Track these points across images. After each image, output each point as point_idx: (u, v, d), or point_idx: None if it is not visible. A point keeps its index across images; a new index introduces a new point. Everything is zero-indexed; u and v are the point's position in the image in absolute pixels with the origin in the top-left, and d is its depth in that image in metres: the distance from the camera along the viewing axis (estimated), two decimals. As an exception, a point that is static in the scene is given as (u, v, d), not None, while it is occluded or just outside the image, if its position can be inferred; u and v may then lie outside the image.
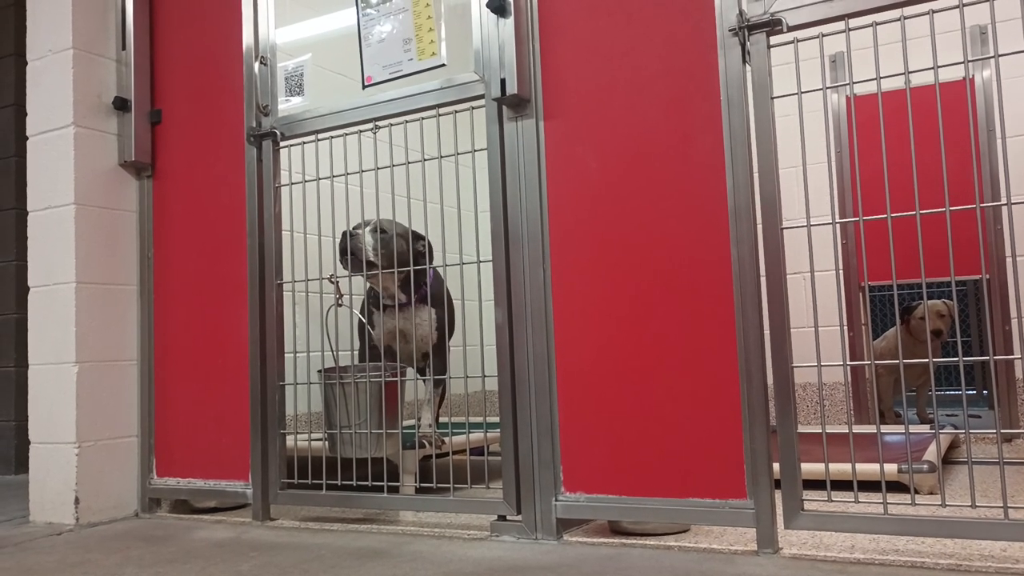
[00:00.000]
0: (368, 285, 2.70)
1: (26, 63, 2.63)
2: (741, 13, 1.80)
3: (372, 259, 2.48)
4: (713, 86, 1.85)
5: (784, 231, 1.77)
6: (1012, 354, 3.53)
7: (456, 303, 2.98)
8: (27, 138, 2.60)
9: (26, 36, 2.63)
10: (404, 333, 2.61)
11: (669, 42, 1.91)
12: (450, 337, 2.81)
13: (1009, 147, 3.55)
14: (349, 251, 2.48)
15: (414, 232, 2.57)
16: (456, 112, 2.18)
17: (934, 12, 1.69)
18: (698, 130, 1.86)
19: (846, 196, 3.82)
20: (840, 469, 2.09)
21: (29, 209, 2.59)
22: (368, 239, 2.49)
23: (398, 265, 2.50)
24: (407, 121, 2.25)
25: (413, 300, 2.60)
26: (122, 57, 2.65)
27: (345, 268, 2.52)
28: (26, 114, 2.61)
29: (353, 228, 2.50)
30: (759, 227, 1.79)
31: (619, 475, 1.91)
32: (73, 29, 2.54)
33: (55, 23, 2.57)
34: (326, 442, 2.39)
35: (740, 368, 1.79)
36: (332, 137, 2.38)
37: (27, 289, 2.58)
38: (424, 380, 2.72)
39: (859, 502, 1.70)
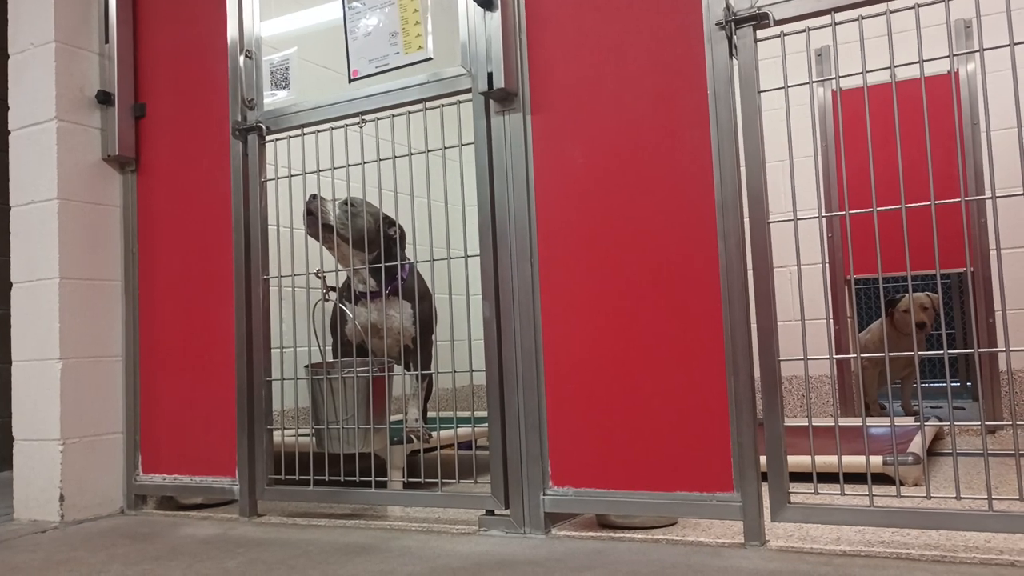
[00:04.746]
0: (345, 278, 2.66)
1: (7, 57, 2.60)
2: (728, 7, 1.80)
3: (334, 224, 2.46)
4: (700, 80, 1.85)
5: (770, 225, 1.78)
6: (996, 346, 3.56)
7: (444, 297, 2.97)
8: (9, 132, 2.58)
9: (7, 30, 2.60)
10: (376, 326, 2.58)
11: (656, 36, 1.91)
12: (430, 332, 2.78)
13: (993, 141, 3.57)
14: (317, 212, 2.44)
15: (387, 216, 2.55)
16: (443, 106, 2.17)
17: (919, 6, 1.70)
18: (685, 124, 1.87)
19: (832, 190, 3.83)
20: (826, 461, 2.11)
21: (11, 204, 2.56)
22: (334, 207, 2.48)
23: (368, 247, 2.48)
24: (393, 115, 2.24)
25: (386, 291, 2.56)
26: (105, 50, 2.63)
27: (309, 233, 2.50)
28: (8, 108, 2.59)
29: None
30: (746, 221, 1.79)
31: (607, 469, 1.91)
32: (55, 22, 2.51)
33: (37, 16, 2.54)
34: (313, 438, 2.38)
35: (727, 361, 1.79)
36: (318, 131, 2.37)
37: (10, 285, 2.56)
38: (409, 374, 2.70)
39: (845, 494, 1.71)
